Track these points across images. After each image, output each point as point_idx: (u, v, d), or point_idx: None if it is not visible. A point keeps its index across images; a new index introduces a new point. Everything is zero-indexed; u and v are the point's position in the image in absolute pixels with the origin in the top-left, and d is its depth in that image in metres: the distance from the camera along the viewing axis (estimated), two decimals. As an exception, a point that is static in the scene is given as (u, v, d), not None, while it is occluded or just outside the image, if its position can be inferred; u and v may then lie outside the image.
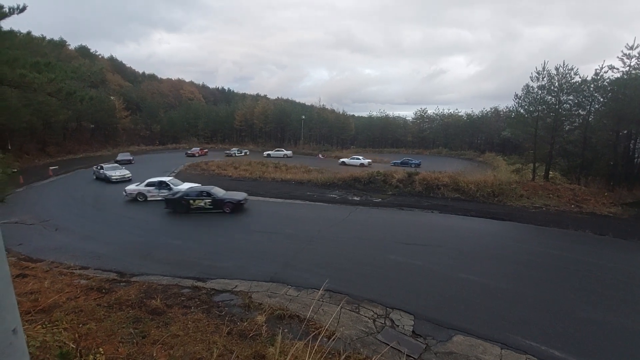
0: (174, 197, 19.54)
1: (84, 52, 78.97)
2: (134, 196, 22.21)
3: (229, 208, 18.82)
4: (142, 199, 22.11)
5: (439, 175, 24.92)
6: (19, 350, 1.21)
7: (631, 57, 23.00)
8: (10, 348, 1.15)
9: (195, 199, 19.09)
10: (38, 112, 39.07)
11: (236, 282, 10.69)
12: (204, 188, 20.22)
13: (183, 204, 19.11)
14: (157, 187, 22.15)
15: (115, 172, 29.69)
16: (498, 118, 67.03)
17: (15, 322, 1.19)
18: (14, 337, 1.18)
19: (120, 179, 28.85)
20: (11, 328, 1.17)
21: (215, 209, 18.92)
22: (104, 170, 29.72)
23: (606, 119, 24.51)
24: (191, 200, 19.08)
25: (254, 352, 6.32)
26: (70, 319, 6.82)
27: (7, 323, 1.15)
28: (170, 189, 21.47)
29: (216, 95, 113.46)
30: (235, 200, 19.05)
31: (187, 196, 19.30)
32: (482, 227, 16.73)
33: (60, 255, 12.87)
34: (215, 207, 18.93)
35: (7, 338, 1.15)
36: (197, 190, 19.71)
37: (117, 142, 62.60)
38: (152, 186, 22.31)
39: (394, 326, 8.46)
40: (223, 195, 19.60)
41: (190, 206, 19.04)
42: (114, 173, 29.52)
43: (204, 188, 20.20)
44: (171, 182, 22.65)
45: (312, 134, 75.26)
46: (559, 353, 7.39)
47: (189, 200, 19.09)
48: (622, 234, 15.40)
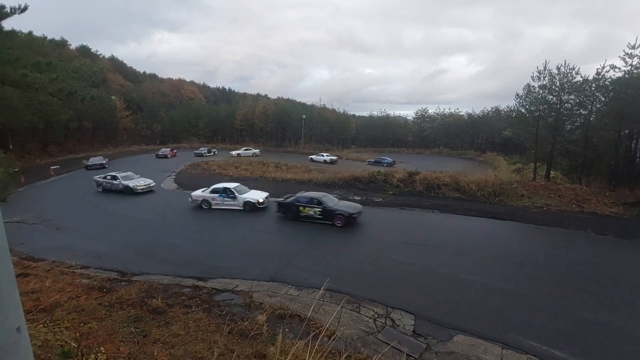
0: (285, 202, 17.87)
1: (84, 51, 79.10)
2: (199, 203, 20.09)
3: (340, 221, 16.26)
4: (207, 206, 19.87)
5: (439, 175, 24.89)
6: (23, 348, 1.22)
7: (633, 57, 22.92)
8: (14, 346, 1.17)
9: (305, 206, 17.16)
10: (39, 112, 39.22)
11: (237, 281, 10.71)
12: (314, 195, 17.81)
13: (293, 209, 17.40)
14: (221, 194, 19.82)
15: (139, 182, 25.01)
16: (499, 118, 66.97)
17: (20, 320, 1.21)
18: (18, 335, 1.19)
19: (146, 189, 24.88)
20: (15, 326, 1.18)
21: (324, 220, 16.65)
22: (122, 181, 24.67)
23: (608, 119, 24.45)
24: (301, 207, 17.21)
25: (254, 352, 6.33)
26: (72, 318, 6.83)
27: (11, 322, 1.17)
28: (235, 198, 19.47)
29: (217, 94, 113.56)
30: (348, 212, 16.34)
31: (298, 202, 17.40)
32: (483, 227, 16.71)
33: (62, 255, 12.90)
34: (324, 218, 16.64)
35: (12, 336, 1.16)
36: (308, 197, 17.52)
37: (118, 142, 62.69)
38: (216, 193, 19.99)
39: (395, 326, 8.46)
40: (335, 205, 17.06)
41: (300, 213, 17.21)
42: (137, 183, 24.76)
43: (315, 195, 17.77)
44: (236, 190, 19.95)
45: (313, 134, 75.31)
46: (560, 353, 7.38)
47: (298, 207, 17.27)
48: (623, 234, 15.36)
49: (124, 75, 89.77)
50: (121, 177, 24.95)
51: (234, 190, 19.77)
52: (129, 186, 24.16)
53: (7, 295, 1.15)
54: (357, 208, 17.24)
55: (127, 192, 24.03)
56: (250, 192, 20.39)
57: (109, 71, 79.96)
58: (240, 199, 19.38)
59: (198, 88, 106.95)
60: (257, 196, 19.70)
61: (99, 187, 25.44)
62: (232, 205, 19.46)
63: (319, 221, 16.77)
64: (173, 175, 32.65)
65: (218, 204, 19.73)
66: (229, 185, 20.34)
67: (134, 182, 24.82)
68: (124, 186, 24.27)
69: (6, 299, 1.15)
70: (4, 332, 1.14)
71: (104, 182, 25.23)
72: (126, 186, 24.21)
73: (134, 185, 24.29)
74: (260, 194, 20.30)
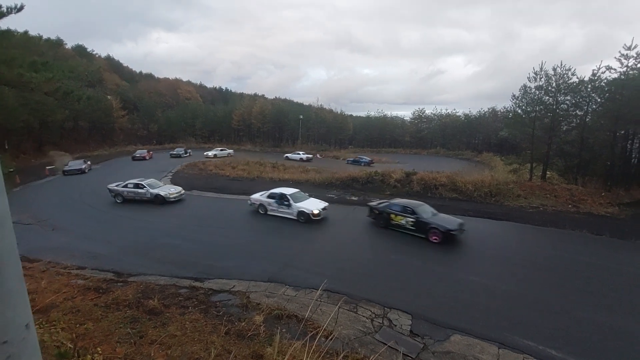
0: (378, 207, 16.57)
1: (80, 51, 78.71)
2: (256, 207, 18.85)
3: (437, 237, 14.06)
4: (263, 211, 18.50)
5: (437, 175, 24.97)
6: (31, 344, 1.27)
7: (629, 58, 23.11)
8: (23, 342, 1.21)
9: (397, 214, 15.64)
10: (35, 112, 38.99)
11: (234, 282, 10.68)
12: (409, 203, 15.94)
13: (384, 216, 16.01)
14: (277, 200, 18.06)
15: (170, 190, 21.99)
16: (495, 118, 67.27)
17: (28, 318, 1.26)
18: (27, 332, 1.24)
19: (178, 198, 21.89)
20: (24, 323, 1.23)
21: (417, 232, 14.78)
22: (150, 189, 21.37)
23: (603, 120, 24.63)
24: (392, 215, 15.75)
25: (251, 352, 6.32)
26: (68, 319, 6.79)
27: (20, 319, 1.22)
28: (290, 206, 17.62)
29: (214, 94, 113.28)
30: (445, 228, 14.00)
31: (390, 209, 16.01)
32: (479, 227, 16.76)
33: (57, 255, 12.82)
34: (418, 230, 14.76)
35: (21, 333, 1.21)
36: (401, 205, 15.90)
37: (115, 142, 62.40)
38: (272, 198, 18.32)
39: (392, 326, 8.47)
40: (430, 217, 14.96)
41: (391, 221, 15.76)
42: (168, 191, 21.72)
43: (410, 203, 15.91)
44: (292, 197, 17.96)
45: (310, 134, 75.30)
46: (556, 352, 7.43)
47: (390, 214, 15.84)
48: (619, 234, 15.46)
49: (120, 75, 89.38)
50: (147, 185, 21.63)
51: (289, 197, 17.86)
52: (160, 194, 21.02)
53: (17, 294, 1.20)
54: (455, 223, 14.60)
55: (158, 201, 20.97)
56: (307, 201, 18.23)
57: (105, 71, 79.67)
58: (294, 207, 17.46)
59: (195, 88, 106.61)
60: (313, 206, 17.41)
61: (117, 198, 21.82)
62: (287, 214, 17.77)
63: (411, 233, 14.98)
64: (170, 175, 32.52)
65: (273, 210, 18.21)
66: (285, 192, 18.43)
67: (164, 189, 21.74)
68: (154, 195, 21.10)
69: (16, 297, 1.20)
70: (15, 329, 1.19)
71: (124, 191, 21.67)
72: (156, 195, 21.06)
73: (165, 193, 21.16)
74: (318, 203, 18.08)
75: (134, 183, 21.79)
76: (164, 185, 22.51)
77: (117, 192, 21.84)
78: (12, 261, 1.19)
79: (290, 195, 18.05)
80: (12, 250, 1.20)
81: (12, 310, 1.18)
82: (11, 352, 1.16)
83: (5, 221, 1.20)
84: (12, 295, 1.17)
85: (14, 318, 1.19)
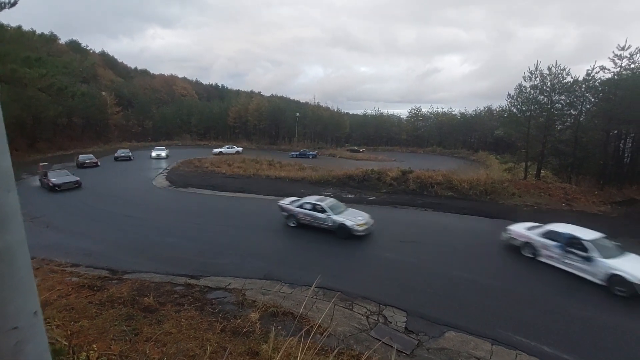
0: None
1: (74, 46, 77.65)
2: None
3: None
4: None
5: (432, 173, 25.06)
6: (39, 331, 1.36)
7: (622, 58, 23.34)
8: (32, 329, 1.30)
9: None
10: (27, 108, 38.45)
11: (230, 279, 10.68)
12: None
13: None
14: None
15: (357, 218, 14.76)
16: (491, 117, 67.76)
17: (36, 305, 1.34)
18: (35, 319, 1.33)
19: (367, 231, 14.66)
20: (33, 311, 1.31)
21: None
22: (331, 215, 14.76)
23: (597, 119, 24.90)
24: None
25: (247, 349, 6.33)
26: (62, 316, 6.75)
27: (30, 306, 1.30)
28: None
29: (210, 91, 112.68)
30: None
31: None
32: (474, 225, 16.89)
33: (51, 253, 12.71)
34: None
35: (30, 320, 1.30)
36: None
37: (109, 139, 61.80)
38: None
39: (387, 323, 8.53)
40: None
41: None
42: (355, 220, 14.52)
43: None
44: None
45: (307, 132, 75.28)
46: (549, 349, 7.53)
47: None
48: (611, 232, 15.60)
49: (114, 71, 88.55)
50: (327, 207, 15.20)
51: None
52: (346, 225, 14.34)
53: (26, 283, 1.29)
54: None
55: (341, 234, 14.44)
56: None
57: (99, 66, 78.94)
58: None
59: (190, 84, 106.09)
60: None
61: (290, 221, 16.08)
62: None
63: None
64: (166, 172, 32.32)
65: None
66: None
67: (351, 217, 14.86)
68: (337, 224, 14.58)
69: (26, 286, 1.29)
70: (24, 316, 1.27)
71: (299, 212, 15.73)
72: (341, 225, 14.47)
73: (352, 224, 14.31)
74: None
75: (311, 204, 15.68)
76: (347, 210, 15.84)
77: (291, 213, 16.07)
78: (23, 252, 1.27)
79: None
80: (22, 243, 1.27)
81: (23, 298, 1.27)
82: (21, 338, 1.24)
83: (16, 215, 1.26)
84: (22, 284, 1.26)
85: (24, 306, 1.27)
